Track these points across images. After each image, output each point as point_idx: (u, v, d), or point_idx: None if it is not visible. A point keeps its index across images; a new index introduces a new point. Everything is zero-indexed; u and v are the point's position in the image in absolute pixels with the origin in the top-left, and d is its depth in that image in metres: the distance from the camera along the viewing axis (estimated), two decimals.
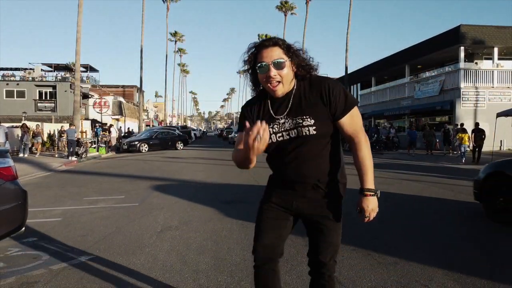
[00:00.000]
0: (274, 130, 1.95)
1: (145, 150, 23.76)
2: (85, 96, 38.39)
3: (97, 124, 27.83)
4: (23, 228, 3.73)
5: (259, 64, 1.89)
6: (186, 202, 6.93)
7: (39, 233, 4.90)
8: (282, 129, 1.94)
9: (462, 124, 19.68)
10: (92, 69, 54.65)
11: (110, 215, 5.96)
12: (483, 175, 6.08)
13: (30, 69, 54.33)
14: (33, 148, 19.83)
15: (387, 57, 31.41)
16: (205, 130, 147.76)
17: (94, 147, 22.63)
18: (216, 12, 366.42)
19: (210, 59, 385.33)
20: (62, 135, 22.33)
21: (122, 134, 31.97)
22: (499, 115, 17.81)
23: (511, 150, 22.53)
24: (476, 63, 24.32)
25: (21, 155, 18.42)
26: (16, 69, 56.09)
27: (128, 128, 37.83)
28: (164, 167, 13.92)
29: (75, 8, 22.19)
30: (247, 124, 1.74)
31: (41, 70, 54.09)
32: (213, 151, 24.78)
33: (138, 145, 23.72)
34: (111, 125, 34.04)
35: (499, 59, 24.06)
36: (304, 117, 1.90)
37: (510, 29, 23.22)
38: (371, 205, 1.93)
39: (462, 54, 22.95)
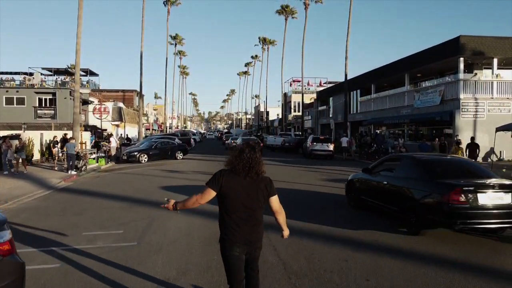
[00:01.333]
0: None
1: (144, 160, 23.77)
2: (85, 102, 38.36)
3: (89, 132, 27.60)
4: None
5: None
6: (185, 241, 6.92)
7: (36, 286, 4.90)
8: None
9: (459, 140, 19.71)
10: (92, 73, 54.67)
11: (108, 258, 5.95)
12: (347, 181, 10.40)
13: (30, 73, 54.33)
14: (33, 160, 19.65)
15: (386, 65, 31.42)
16: (205, 131, 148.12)
17: (94, 158, 22.63)
18: (216, 14, 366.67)
19: (210, 61, 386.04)
20: (56, 145, 22.01)
21: (123, 142, 32.01)
22: (498, 129, 17.85)
23: (510, 161, 22.51)
24: (476, 73, 24.31)
25: (6, 172, 17.14)
26: (15, 73, 56.08)
27: (127, 135, 37.82)
28: (163, 185, 13.91)
29: (75, 10, 22.03)
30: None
31: (41, 74, 54.10)
32: (213, 161, 24.78)
33: (138, 155, 23.74)
34: (111, 134, 34.06)
35: (498, 68, 24.07)
36: None
37: (510, 39, 23.22)
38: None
39: (461, 65, 22.97)
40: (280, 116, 71.30)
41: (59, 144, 22.08)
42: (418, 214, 7.11)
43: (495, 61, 23.29)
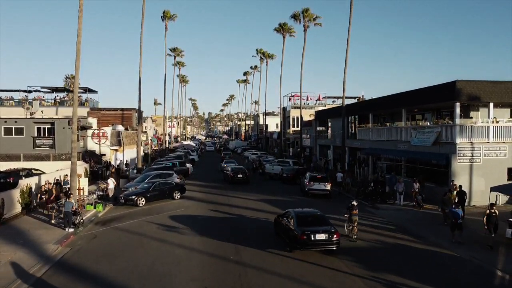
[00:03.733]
0: None
1: (142, 203, 23.91)
2: (83, 128, 38.45)
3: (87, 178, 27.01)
4: None
5: None
6: None
7: None
8: None
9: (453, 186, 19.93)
10: (91, 91, 54.83)
11: None
12: (274, 218, 17.45)
13: (29, 91, 54.39)
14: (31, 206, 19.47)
15: (383, 97, 31.53)
16: (204, 137, 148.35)
17: (91, 204, 22.75)
18: (216, 23, 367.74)
19: (209, 67, 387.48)
20: (43, 195, 21.65)
21: (122, 174, 32.15)
22: (493, 189, 18.00)
23: (506, 205, 22.59)
24: (472, 117, 24.37)
25: None
26: (14, 91, 56.17)
27: (126, 161, 37.93)
28: (160, 258, 14.02)
29: (76, 16, 22.05)
30: None
31: (40, 91, 54.20)
32: (209, 203, 24.85)
33: (136, 199, 23.87)
34: (110, 167, 34.17)
35: (495, 107, 24.10)
36: None
37: (505, 84, 23.26)
38: None
39: (457, 110, 23.01)
40: (279, 129, 71.46)
41: (48, 192, 21.67)
42: (292, 242, 14.47)
43: (491, 105, 23.34)
